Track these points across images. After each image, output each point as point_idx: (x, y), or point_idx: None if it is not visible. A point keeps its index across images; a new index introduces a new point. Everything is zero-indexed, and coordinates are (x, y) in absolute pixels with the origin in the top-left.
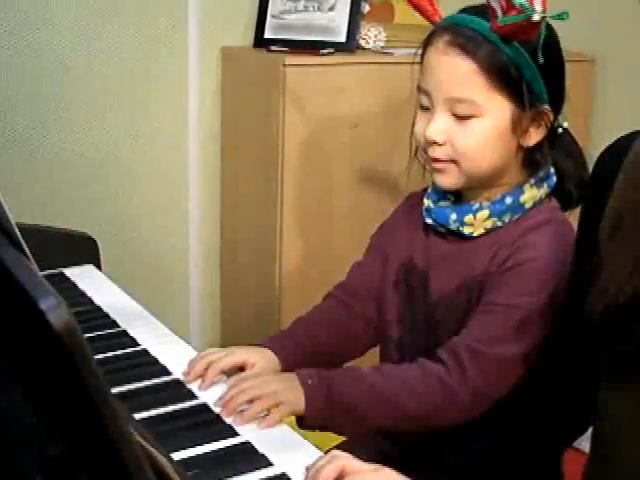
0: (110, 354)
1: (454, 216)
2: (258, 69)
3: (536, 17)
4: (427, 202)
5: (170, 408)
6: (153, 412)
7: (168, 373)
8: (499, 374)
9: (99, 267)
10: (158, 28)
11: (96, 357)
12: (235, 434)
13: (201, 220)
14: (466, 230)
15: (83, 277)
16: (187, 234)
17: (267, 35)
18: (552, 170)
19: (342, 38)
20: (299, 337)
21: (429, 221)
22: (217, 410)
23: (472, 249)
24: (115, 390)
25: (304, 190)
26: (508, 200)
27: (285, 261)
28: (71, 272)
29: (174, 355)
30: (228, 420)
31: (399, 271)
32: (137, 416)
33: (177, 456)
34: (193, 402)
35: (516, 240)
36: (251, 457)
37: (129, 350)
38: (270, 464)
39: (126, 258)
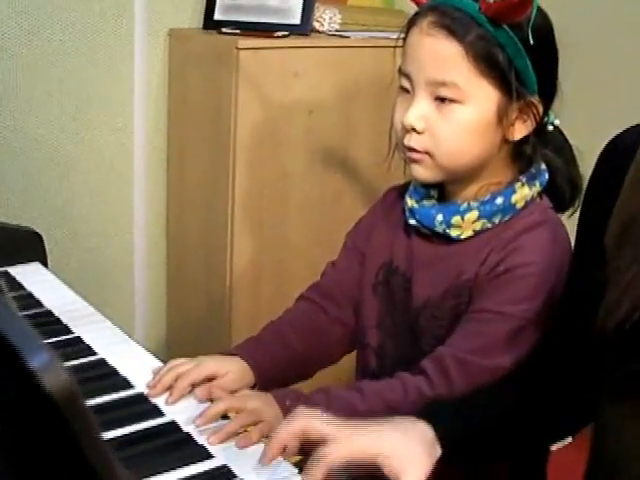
0: (64, 365)
1: (440, 217)
2: (209, 52)
3: None
4: (410, 202)
5: (135, 427)
6: (116, 432)
7: (130, 386)
8: None
9: (45, 264)
10: (103, 8)
11: None
12: (209, 456)
13: (146, 209)
14: (453, 232)
15: (30, 276)
16: (132, 224)
17: (217, 17)
18: (543, 167)
19: (296, 20)
20: (271, 344)
21: (413, 222)
22: (187, 429)
23: (460, 252)
24: None
25: (257, 178)
26: (499, 200)
27: (236, 253)
28: (17, 271)
29: (135, 365)
30: (200, 440)
31: (378, 273)
32: None
33: None
34: (160, 420)
35: (508, 243)
36: None
37: (85, 360)
38: None
39: (69, 252)
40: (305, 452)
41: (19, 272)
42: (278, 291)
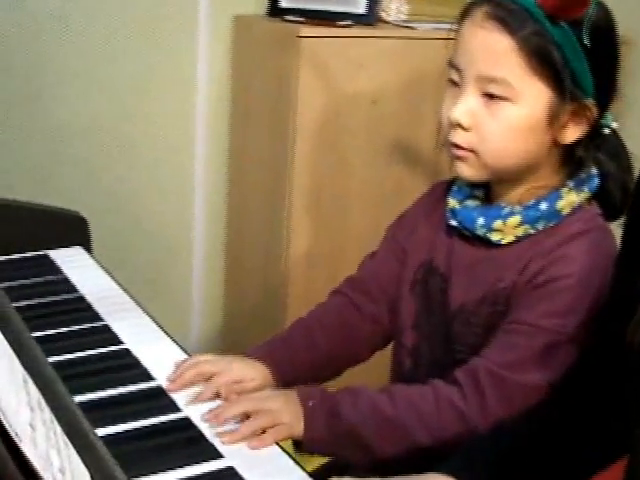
0: (86, 353)
1: (482, 220)
2: (272, 39)
3: None
4: (452, 202)
5: (148, 421)
6: (126, 426)
7: (150, 378)
8: (522, 403)
9: (89, 249)
10: None
11: (70, 357)
12: (219, 456)
13: (206, 195)
14: (494, 237)
15: (70, 260)
16: (191, 212)
17: (282, 4)
18: (594, 171)
19: (361, 9)
20: (297, 345)
21: (454, 223)
22: (200, 426)
23: (500, 258)
24: (85, 397)
25: (317, 166)
26: (543, 206)
27: (294, 240)
28: (57, 254)
29: (159, 357)
30: (212, 439)
31: (417, 271)
32: (106, 430)
33: None
34: (174, 415)
35: (550, 251)
36: None
37: (109, 349)
38: None
39: (126, 238)
40: None
41: (59, 256)
42: (334, 280)
